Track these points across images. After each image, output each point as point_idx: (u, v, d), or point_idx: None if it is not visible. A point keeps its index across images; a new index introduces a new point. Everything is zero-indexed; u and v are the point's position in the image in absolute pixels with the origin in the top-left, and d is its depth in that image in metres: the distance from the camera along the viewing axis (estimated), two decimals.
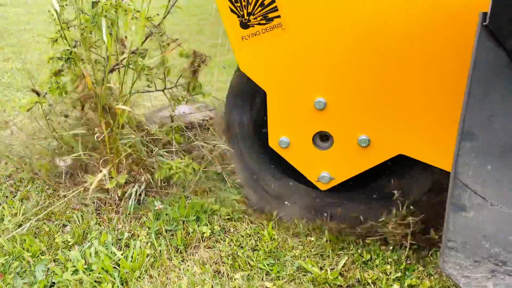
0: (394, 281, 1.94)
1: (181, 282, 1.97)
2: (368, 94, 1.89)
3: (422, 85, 1.78)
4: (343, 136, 2.01)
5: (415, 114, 1.83)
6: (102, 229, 2.34)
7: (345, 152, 2.02)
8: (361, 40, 1.81)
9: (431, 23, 1.68)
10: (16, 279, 2.06)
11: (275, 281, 1.98)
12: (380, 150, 1.95)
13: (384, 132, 1.91)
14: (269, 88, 2.05)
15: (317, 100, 1.97)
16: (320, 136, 2.10)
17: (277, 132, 2.12)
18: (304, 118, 2.04)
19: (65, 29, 2.46)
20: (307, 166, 2.15)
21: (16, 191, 2.74)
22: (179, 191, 2.55)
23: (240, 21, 1.95)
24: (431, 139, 1.83)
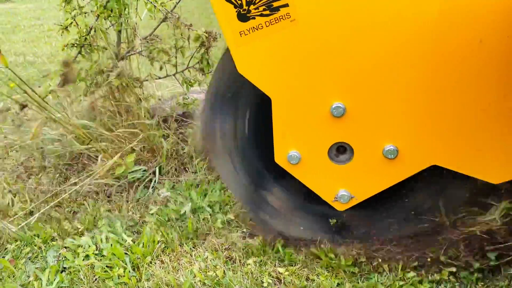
0: (411, 269, 1.89)
1: (192, 267, 1.95)
2: (397, 97, 1.60)
3: (460, 86, 1.54)
4: (366, 147, 1.71)
5: (453, 119, 1.59)
6: (113, 216, 2.32)
7: (367, 165, 1.73)
8: (389, 33, 1.52)
9: (472, 22, 1.45)
10: (28, 264, 2.06)
11: (287, 267, 1.94)
12: (410, 161, 1.68)
13: (415, 140, 1.64)
14: (275, 94, 1.69)
15: (334, 105, 1.64)
16: (337, 149, 1.78)
17: (285, 146, 1.78)
18: (318, 128, 1.71)
19: (78, 15, 2.45)
20: (322, 184, 1.84)
21: (28, 179, 2.73)
22: (190, 179, 2.52)
23: (237, 12, 1.58)
24: (469, 148, 1.61)
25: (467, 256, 1.84)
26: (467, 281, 1.81)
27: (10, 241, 2.18)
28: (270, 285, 1.85)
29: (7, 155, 3.03)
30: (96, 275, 1.94)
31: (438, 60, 1.51)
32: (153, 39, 2.59)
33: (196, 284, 1.87)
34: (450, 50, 1.49)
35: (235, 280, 1.87)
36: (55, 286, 1.89)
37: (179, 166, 2.62)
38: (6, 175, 2.75)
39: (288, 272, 1.91)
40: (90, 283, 1.91)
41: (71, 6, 2.56)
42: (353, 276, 1.88)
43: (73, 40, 2.50)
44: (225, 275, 1.90)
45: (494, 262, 1.81)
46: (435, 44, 1.49)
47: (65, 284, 1.91)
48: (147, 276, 1.93)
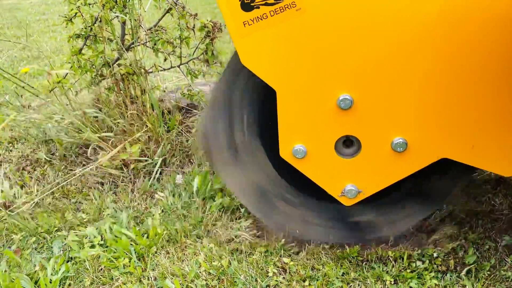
0: (417, 259, 1.88)
1: (198, 257, 1.94)
2: (406, 88, 1.56)
3: (470, 78, 1.50)
4: (374, 140, 1.67)
5: (463, 111, 1.55)
6: (118, 207, 2.33)
7: (376, 159, 1.69)
8: (398, 24, 1.48)
9: (484, 13, 1.42)
10: (34, 254, 2.06)
11: (293, 256, 1.93)
12: (419, 154, 1.64)
13: (425, 133, 1.60)
14: (280, 86, 1.65)
15: (341, 97, 1.59)
16: (343, 142, 1.75)
17: (290, 140, 1.73)
18: (324, 121, 1.67)
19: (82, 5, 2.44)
20: (329, 178, 1.79)
21: (33, 171, 2.74)
22: (195, 170, 2.52)
23: (241, 1, 1.53)
24: (480, 140, 1.57)
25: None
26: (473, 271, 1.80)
27: (16, 232, 2.19)
28: (275, 275, 1.85)
29: (13, 147, 3.04)
30: (101, 264, 1.94)
31: (449, 51, 1.48)
32: (157, 30, 2.58)
33: (201, 274, 1.86)
34: (460, 41, 1.46)
35: (240, 270, 1.87)
36: (61, 276, 1.90)
37: (184, 158, 2.61)
38: (12, 166, 2.76)
39: (293, 262, 1.91)
40: (96, 273, 1.91)
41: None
42: (358, 266, 1.87)
43: (79, 30, 2.50)
44: (230, 265, 1.90)
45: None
46: (445, 35, 1.46)
47: (71, 273, 1.92)
48: (152, 266, 1.93)
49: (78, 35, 2.48)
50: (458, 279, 1.78)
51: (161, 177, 2.53)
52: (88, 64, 2.53)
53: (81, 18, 2.51)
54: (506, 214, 2.10)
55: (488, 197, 2.23)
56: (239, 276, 1.84)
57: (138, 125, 2.52)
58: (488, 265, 1.82)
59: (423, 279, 1.79)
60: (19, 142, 3.08)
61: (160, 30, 2.56)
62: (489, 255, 1.89)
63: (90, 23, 2.44)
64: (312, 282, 1.81)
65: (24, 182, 2.61)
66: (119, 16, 2.45)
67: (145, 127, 2.51)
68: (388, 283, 1.78)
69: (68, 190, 2.50)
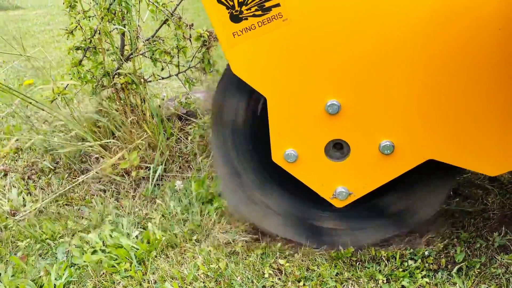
0: (409, 258, 1.93)
1: (196, 261, 2.00)
2: (391, 92, 1.61)
3: (455, 81, 1.55)
4: (362, 144, 1.72)
5: (448, 113, 1.59)
6: (119, 213, 2.40)
7: (364, 161, 1.74)
8: (381, 29, 1.53)
9: (469, 12, 1.46)
10: (38, 260, 2.13)
11: (288, 258, 1.99)
12: (406, 156, 1.68)
13: (411, 135, 1.65)
14: (270, 93, 1.70)
15: (329, 103, 1.64)
16: (333, 145, 1.79)
17: (281, 145, 1.78)
18: (314, 126, 1.72)
19: (82, 19, 2.52)
20: (320, 181, 1.84)
21: (38, 179, 2.82)
22: (194, 175, 2.58)
23: (230, 13, 1.59)
24: (465, 141, 1.62)
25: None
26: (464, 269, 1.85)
27: (21, 239, 2.26)
28: (271, 276, 1.90)
29: (18, 157, 3.13)
30: (103, 269, 2.01)
31: (432, 55, 1.53)
32: (155, 40, 2.66)
33: (199, 276, 1.92)
34: (444, 45, 1.51)
35: (237, 271, 1.93)
36: (64, 281, 1.96)
37: (183, 164, 2.68)
38: (17, 176, 2.84)
39: (289, 263, 1.96)
40: (98, 277, 1.98)
41: (76, 10, 2.64)
42: (352, 266, 1.92)
43: (78, 43, 2.58)
44: (227, 267, 1.96)
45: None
46: (428, 39, 1.51)
47: (74, 278, 1.98)
48: (152, 270, 2.00)
49: (78, 47, 2.56)
50: (449, 277, 1.83)
51: (161, 183, 2.59)
52: (89, 75, 2.61)
53: (80, 31, 2.59)
54: (498, 213, 2.15)
55: (480, 197, 2.27)
56: (236, 278, 1.89)
57: (138, 133, 2.59)
58: (478, 263, 1.86)
59: (415, 277, 1.83)
60: (24, 152, 3.16)
61: (157, 41, 2.63)
62: (480, 253, 1.93)
63: (89, 35, 2.52)
64: (307, 282, 1.87)
65: (29, 191, 2.69)
66: (118, 28, 2.53)
67: (145, 134, 2.58)
68: (380, 282, 1.83)
69: (72, 197, 2.58)
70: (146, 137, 2.57)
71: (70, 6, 2.68)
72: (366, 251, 1.98)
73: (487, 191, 2.32)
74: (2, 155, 3.15)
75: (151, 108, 2.62)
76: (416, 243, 2.01)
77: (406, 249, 1.97)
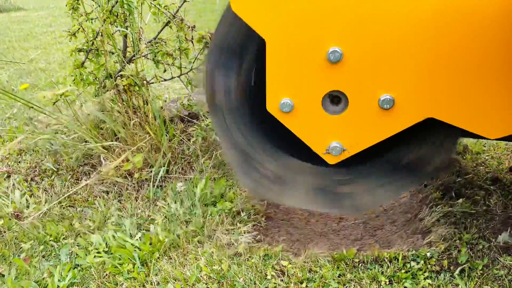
0: (411, 260, 1.93)
1: (199, 262, 2.01)
2: (396, 44, 1.54)
3: (460, 38, 1.49)
4: (361, 96, 1.64)
5: (451, 71, 1.54)
6: (122, 214, 2.40)
7: (362, 115, 1.66)
8: None
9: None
10: (42, 262, 2.14)
11: (291, 259, 1.99)
12: (406, 112, 1.62)
13: (413, 91, 1.59)
14: (270, 35, 1.61)
15: (331, 50, 1.56)
16: (331, 99, 1.71)
17: (278, 93, 1.69)
18: (313, 74, 1.64)
19: (84, 21, 2.53)
20: (314, 135, 1.75)
21: (41, 181, 2.83)
22: (197, 177, 2.59)
23: None
24: (467, 101, 1.56)
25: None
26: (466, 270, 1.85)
27: (25, 241, 2.27)
28: (273, 277, 1.91)
29: (21, 159, 3.14)
30: (106, 270, 2.02)
31: (439, 9, 1.48)
32: (157, 42, 2.66)
33: (202, 278, 1.93)
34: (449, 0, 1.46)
35: (240, 273, 1.93)
36: (68, 282, 1.97)
37: (186, 165, 2.69)
38: (20, 178, 2.85)
39: (291, 265, 1.97)
40: (101, 279, 1.99)
41: (78, 12, 2.65)
42: (354, 267, 1.93)
43: (81, 45, 2.59)
44: (230, 268, 1.96)
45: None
46: None
47: (77, 280, 1.99)
48: (155, 271, 2.00)
49: (80, 49, 2.57)
50: (451, 278, 1.83)
51: (163, 185, 2.60)
52: (91, 77, 2.62)
53: (83, 33, 2.60)
54: (500, 214, 2.15)
55: (483, 198, 2.27)
56: (239, 279, 1.90)
57: (140, 135, 2.60)
58: (481, 264, 1.86)
59: (417, 279, 1.83)
60: (27, 153, 3.18)
61: (160, 43, 2.64)
62: (483, 254, 1.93)
63: (91, 38, 2.53)
64: (310, 284, 1.87)
65: (33, 193, 2.70)
66: (120, 30, 2.54)
67: (148, 136, 2.59)
68: (383, 283, 1.83)
69: (75, 199, 2.59)
70: (149, 139, 2.58)
71: (72, 8, 2.69)
72: (369, 252, 1.98)
73: (489, 192, 2.32)
74: (5, 153, 3.16)
75: (154, 110, 2.62)
76: (419, 245, 2.01)
77: (409, 250, 1.97)
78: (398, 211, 2.51)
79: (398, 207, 2.54)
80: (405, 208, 2.49)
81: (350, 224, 2.48)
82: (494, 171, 2.54)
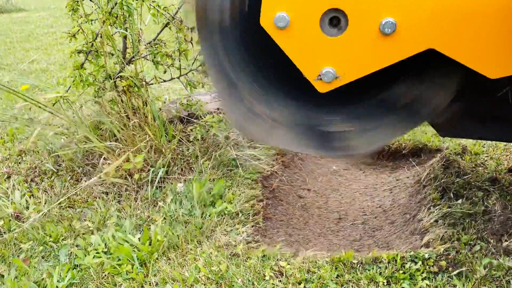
0: (409, 261, 1.93)
1: (197, 263, 2.01)
2: None
3: None
4: (362, 17, 1.52)
5: (460, 2, 1.46)
6: (121, 215, 2.41)
7: (360, 40, 1.55)
8: None
9: None
10: (41, 263, 2.15)
11: (289, 260, 2.00)
12: (407, 40, 1.52)
13: (417, 17, 1.49)
14: None
15: None
16: (330, 20, 1.58)
17: (274, 5, 1.56)
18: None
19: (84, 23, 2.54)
20: (307, 57, 1.62)
21: (41, 182, 2.84)
22: (196, 177, 2.60)
23: None
24: (471, 36, 1.49)
25: None
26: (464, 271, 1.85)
27: (24, 241, 2.28)
28: (272, 278, 1.91)
29: (21, 160, 3.15)
30: (105, 271, 2.02)
31: None
32: (157, 43, 2.67)
33: (200, 278, 1.93)
34: None
35: (238, 274, 1.94)
36: (67, 283, 1.98)
37: (185, 166, 2.69)
38: (20, 178, 2.86)
39: (289, 265, 1.97)
40: (100, 279, 1.99)
41: (78, 14, 2.66)
42: (353, 268, 1.93)
43: (81, 46, 2.60)
44: (228, 269, 1.97)
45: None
46: None
47: (77, 280, 2.00)
48: (154, 272, 2.01)
49: (80, 50, 2.58)
50: (449, 279, 1.83)
51: (163, 186, 2.61)
52: (91, 78, 2.63)
53: (82, 34, 2.61)
54: (499, 215, 2.15)
55: (481, 199, 2.27)
56: (237, 280, 1.90)
57: (140, 136, 2.60)
58: (479, 265, 1.86)
59: (415, 279, 1.84)
60: (27, 154, 3.18)
61: (159, 44, 2.65)
62: (481, 255, 1.93)
63: (91, 39, 2.54)
64: (308, 284, 1.87)
65: (32, 193, 2.70)
66: (120, 31, 2.55)
67: (147, 137, 2.59)
68: (381, 284, 1.83)
69: (74, 200, 2.59)
70: (148, 140, 2.58)
71: (72, 9, 2.70)
72: (368, 253, 1.98)
73: (488, 193, 2.32)
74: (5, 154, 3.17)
75: (153, 111, 2.63)
76: (417, 245, 2.02)
77: (407, 251, 1.97)
78: (397, 211, 2.51)
79: (397, 207, 2.55)
80: (404, 209, 2.50)
81: (349, 225, 2.49)
82: (493, 172, 2.54)
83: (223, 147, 2.71)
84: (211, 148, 2.70)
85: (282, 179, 2.86)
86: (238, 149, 2.69)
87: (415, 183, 2.68)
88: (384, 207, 2.61)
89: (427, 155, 3.05)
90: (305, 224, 2.51)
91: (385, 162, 3.24)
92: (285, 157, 3.07)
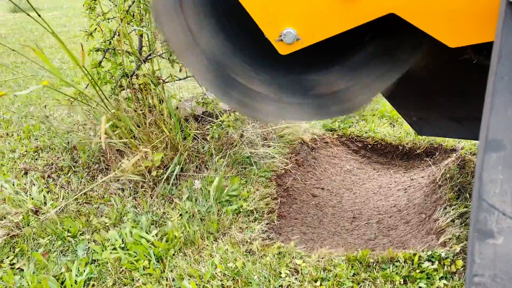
0: (426, 260, 1.93)
1: (214, 259, 2.03)
2: None
3: None
4: None
5: None
6: (138, 211, 2.44)
7: (323, 1, 1.53)
8: None
9: None
10: (60, 257, 2.18)
11: (305, 258, 2.00)
12: (369, 4, 1.51)
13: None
14: None
15: None
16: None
17: None
18: None
19: (101, 21, 2.57)
20: (268, 16, 1.59)
21: (58, 178, 2.88)
22: (211, 175, 2.61)
23: None
24: (434, 3, 1.48)
25: None
26: None
27: (43, 236, 2.31)
28: (288, 276, 1.92)
29: (38, 156, 3.19)
30: (122, 266, 2.05)
31: None
32: None
33: (217, 275, 1.95)
34: None
35: (254, 271, 1.95)
36: (85, 277, 2.01)
37: (200, 164, 2.71)
38: (38, 174, 2.90)
39: (305, 263, 1.98)
40: (118, 274, 2.02)
41: (95, 12, 2.69)
42: (369, 267, 1.93)
43: (98, 44, 2.63)
44: (244, 266, 1.98)
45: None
46: None
47: (95, 275, 2.02)
48: (170, 268, 2.03)
49: (98, 48, 2.61)
50: None
51: (178, 183, 2.63)
52: (108, 76, 2.65)
53: (100, 33, 2.64)
54: None
55: None
56: (253, 277, 1.92)
57: (156, 133, 2.63)
58: None
59: (432, 279, 1.83)
60: (44, 151, 3.23)
61: None
62: None
63: (108, 37, 2.57)
64: (324, 282, 1.88)
65: (50, 189, 2.74)
66: (136, 29, 2.57)
67: (163, 134, 2.61)
68: (397, 283, 1.83)
69: (91, 196, 2.63)
70: (164, 137, 2.60)
71: (89, 8, 2.74)
72: (385, 253, 1.98)
73: None
74: (22, 150, 3.22)
75: (170, 109, 2.65)
76: (433, 245, 2.01)
77: (423, 251, 1.97)
78: (412, 211, 2.51)
79: (412, 207, 2.54)
80: (419, 208, 2.49)
81: (363, 224, 2.49)
82: None
83: (237, 145, 2.72)
84: (226, 146, 2.72)
85: (296, 177, 2.87)
86: (252, 147, 2.70)
87: (430, 183, 2.67)
88: (399, 206, 2.61)
89: (442, 155, 3.04)
90: (320, 222, 2.52)
91: (399, 161, 3.23)
92: (298, 155, 3.08)
